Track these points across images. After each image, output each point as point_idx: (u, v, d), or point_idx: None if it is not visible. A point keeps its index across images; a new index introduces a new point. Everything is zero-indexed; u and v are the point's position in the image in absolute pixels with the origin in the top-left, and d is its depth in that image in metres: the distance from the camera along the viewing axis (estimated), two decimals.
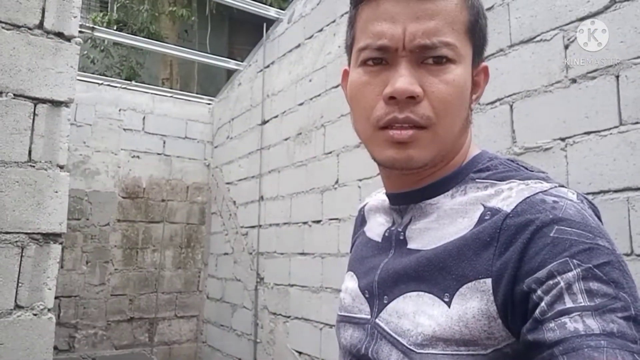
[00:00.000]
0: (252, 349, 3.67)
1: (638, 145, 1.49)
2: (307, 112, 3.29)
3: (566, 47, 1.73)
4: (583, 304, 0.43)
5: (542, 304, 0.45)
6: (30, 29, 1.37)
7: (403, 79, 0.54)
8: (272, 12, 3.92)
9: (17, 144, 1.33)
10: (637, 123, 1.50)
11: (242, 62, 4.45)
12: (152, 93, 4.74)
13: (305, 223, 3.19)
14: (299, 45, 3.49)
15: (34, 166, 1.35)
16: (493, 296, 0.49)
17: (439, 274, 0.54)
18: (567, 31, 1.73)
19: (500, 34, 1.98)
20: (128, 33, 6.41)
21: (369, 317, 0.62)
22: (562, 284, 0.45)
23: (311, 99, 3.25)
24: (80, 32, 1.48)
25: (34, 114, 1.36)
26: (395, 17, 0.55)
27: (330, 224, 2.93)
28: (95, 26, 4.57)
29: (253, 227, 3.86)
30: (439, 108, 0.55)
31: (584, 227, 0.48)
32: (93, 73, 5.86)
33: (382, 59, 0.57)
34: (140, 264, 4.48)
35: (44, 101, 1.38)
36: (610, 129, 1.57)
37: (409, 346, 0.54)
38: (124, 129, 4.48)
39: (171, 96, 4.86)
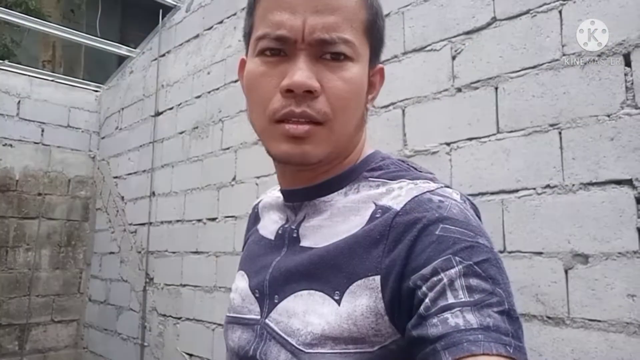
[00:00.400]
0: (139, 353, 3.47)
1: (512, 152, 1.64)
2: (205, 105, 3.18)
3: (453, 57, 1.85)
4: (464, 299, 0.45)
5: (427, 300, 0.46)
6: None
7: (301, 73, 0.53)
8: None
9: None
10: (511, 132, 1.65)
11: (135, 48, 4.18)
12: (29, 75, 4.27)
13: (199, 220, 3.08)
14: (197, 36, 3.36)
15: None
16: (381, 293, 0.50)
17: (331, 271, 0.54)
18: (455, 43, 1.85)
19: (395, 41, 2.06)
20: (1, 7, 5.72)
21: (258, 317, 0.61)
22: (445, 280, 0.46)
23: (209, 92, 3.15)
24: None
25: None
26: (296, 7, 0.54)
27: (226, 221, 2.86)
28: None
29: (143, 224, 3.64)
30: (336, 105, 0.55)
31: (466, 226, 0.50)
32: None
33: (280, 50, 0.55)
34: (11, 265, 4.02)
35: None
36: (489, 136, 1.71)
37: (297, 346, 0.53)
38: None
39: (52, 80, 4.42)
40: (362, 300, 0.51)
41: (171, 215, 3.35)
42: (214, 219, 2.97)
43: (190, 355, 3.00)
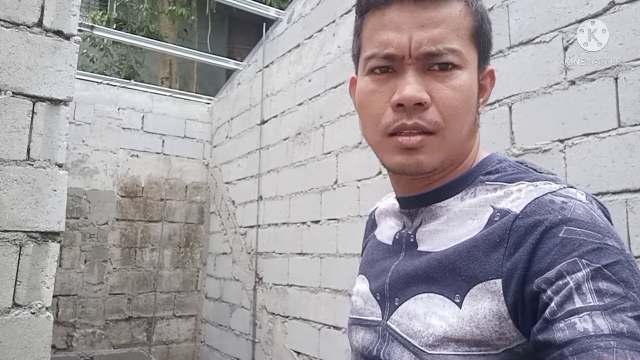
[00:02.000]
0: (251, 348, 3.67)
1: (636, 147, 1.49)
2: (306, 112, 3.28)
3: (565, 48, 1.73)
4: (592, 303, 0.43)
5: (552, 304, 0.45)
6: (29, 27, 1.37)
7: (410, 87, 0.55)
8: (271, 12, 3.92)
9: (16, 142, 1.33)
10: (635, 125, 1.50)
11: (241, 61, 4.45)
12: (151, 92, 4.74)
13: (303, 223, 3.19)
14: (298, 45, 3.49)
15: (32, 164, 1.34)
16: (504, 296, 0.50)
17: (450, 275, 0.55)
18: (567, 33, 1.73)
19: (499, 35, 1.98)
20: (127, 32, 6.41)
21: (380, 319, 0.63)
22: (571, 284, 0.45)
23: (310, 99, 3.25)
24: (79, 30, 1.48)
25: (33, 112, 1.36)
26: (401, 26, 0.56)
27: (329, 224, 2.93)
28: (94, 25, 4.57)
29: (252, 226, 3.86)
30: (447, 113, 0.56)
31: (593, 227, 0.48)
32: (92, 72, 5.86)
33: (388, 67, 0.58)
34: (139, 263, 4.48)
35: (42, 99, 1.38)
36: (608, 130, 1.57)
37: (420, 347, 0.54)
38: (123, 128, 4.48)
39: (170, 95, 4.86)
40: (484, 304, 0.51)
41: (277, 218, 3.51)
42: (317, 222, 3.05)
43: (298, 353, 3.11)
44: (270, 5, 5.12)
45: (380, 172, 2.56)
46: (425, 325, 0.55)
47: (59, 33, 1.41)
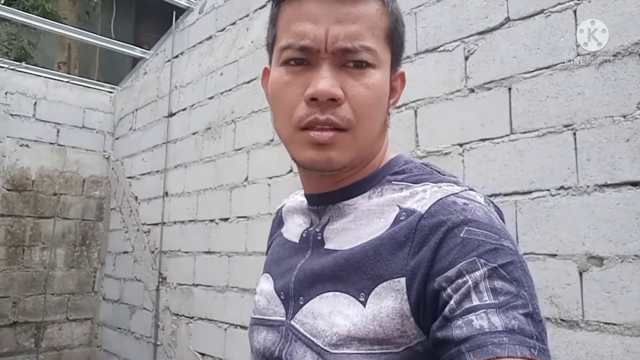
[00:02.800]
0: (152, 352, 3.50)
1: (525, 152, 1.63)
2: (218, 106, 3.20)
3: (466, 58, 1.84)
4: (488, 301, 0.45)
5: (451, 302, 0.47)
6: None
7: (325, 81, 0.54)
8: (182, 0, 3.76)
9: None
10: (525, 132, 1.63)
11: (148, 50, 4.23)
12: (45, 77, 4.33)
13: (212, 221, 3.10)
14: (210, 37, 3.38)
15: None
16: (407, 295, 0.51)
17: (356, 273, 0.55)
18: (468, 43, 1.84)
19: (407, 42, 2.05)
20: (19, 9, 5.82)
21: (283, 318, 0.62)
22: (469, 282, 0.47)
23: (222, 93, 3.17)
24: None
25: None
26: (318, 18, 0.55)
27: (239, 222, 2.88)
28: None
29: (156, 224, 3.68)
30: (359, 111, 0.56)
31: (491, 228, 0.51)
32: None
33: (304, 59, 0.57)
34: (27, 263, 4.08)
35: None
36: (502, 137, 1.70)
37: (323, 347, 0.54)
38: (11, 115, 4.06)
39: (68, 81, 4.48)
40: (388, 302, 0.51)
41: (184, 215, 3.38)
42: (226, 219, 2.98)
43: (203, 354, 3.02)
44: None
45: (291, 170, 2.55)
46: (329, 324, 0.54)
47: None
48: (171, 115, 3.68)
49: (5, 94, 4.04)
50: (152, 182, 3.83)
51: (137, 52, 4.36)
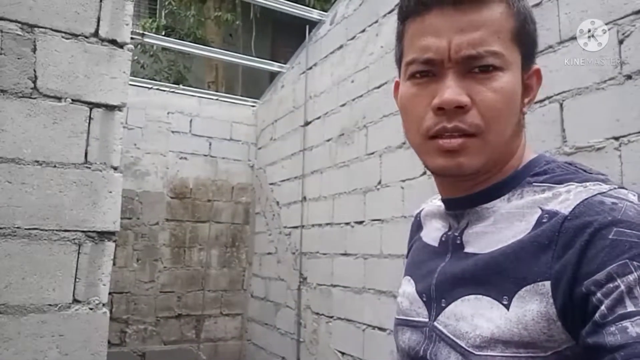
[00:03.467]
0: (296, 348, 3.71)
1: None
2: (349, 112, 3.29)
3: (620, 42, 1.66)
4: None
5: (602, 307, 0.45)
6: (86, 37, 1.45)
7: (450, 90, 0.56)
8: (314, 14, 3.95)
9: (75, 146, 1.40)
10: None
11: (285, 64, 4.51)
12: (198, 96, 4.88)
13: (347, 224, 3.19)
14: (341, 47, 3.50)
15: (90, 167, 1.42)
16: (552, 299, 0.50)
17: (497, 277, 0.55)
18: (622, 25, 1.66)
19: (549, 31, 1.92)
20: (176, 38, 6.62)
21: (427, 320, 0.64)
22: (622, 287, 0.44)
23: (353, 99, 3.25)
24: (131, 38, 1.55)
25: (90, 118, 1.43)
26: (440, 30, 0.57)
27: (373, 224, 2.92)
28: (145, 32, 4.76)
29: (296, 227, 3.90)
30: (488, 116, 0.57)
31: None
32: (143, 78, 6.09)
33: (429, 71, 0.59)
34: (188, 263, 4.61)
35: (99, 105, 1.45)
36: None
37: (467, 348, 0.54)
38: (172, 132, 4.63)
39: (216, 99, 4.98)
40: (532, 306, 0.51)
41: (321, 218, 3.53)
42: (361, 222, 3.05)
43: (343, 353, 3.11)
44: (313, 7, 5.16)
45: (424, 173, 2.53)
46: (472, 326, 0.55)
47: (113, 42, 1.48)
48: (307, 124, 3.88)
49: (167, 114, 4.63)
50: (291, 188, 4.07)
51: (275, 67, 4.68)
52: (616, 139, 1.64)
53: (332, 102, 3.51)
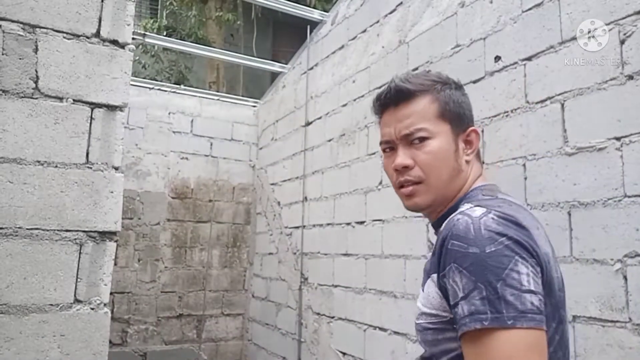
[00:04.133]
0: (297, 348, 3.71)
1: None
2: (351, 113, 3.29)
3: (622, 42, 1.66)
4: (461, 295, 0.73)
5: (451, 292, 0.76)
6: (88, 37, 1.45)
7: (399, 158, 0.91)
8: (315, 14, 3.95)
9: (76, 146, 1.41)
10: None
11: (286, 64, 4.51)
12: (199, 96, 4.88)
13: (348, 224, 3.19)
14: (342, 47, 3.50)
15: (91, 167, 1.42)
16: (437, 286, 0.81)
17: (426, 273, 0.88)
18: (624, 25, 1.66)
19: (550, 31, 1.91)
20: (177, 38, 6.63)
21: None
22: (453, 283, 0.75)
23: (354, 100, 3.25)
24: (132, 39, 1.55)
25: (91, 118, 1.44)
26: (389, 122, 0.94)
27: (374, 225, 2.92)
28: (146, 33, 4.76)
29: (297, 227, 3.90)
30: (425, 169, 0.89)
31: (464, 240, 0.75)
32: (144, 78, 6.09)
33: (389, 147, 0.95)
34: (189, 263, 4.62)
35: (100, 106, 1.45)
36: None
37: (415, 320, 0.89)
38: (173, 132, 4.64)
39: (218, 99, 4.98)
40: (431, 289, 0.83)
41: (322, 218, 3.53)
42: (362, 223, 3.05)
43: (344, 353, 3.11)
44: (314, 7, 5.16)
45: None
46: (418, 306, 0.88)
47: (114, 42, 1.49)
48: (308, 124, 3.88)
49: (169, 114, 4.64)
50: (292, 188, 4.07)
51: (276, 67, 4.68)
52: (618, 139, 1.64)
53: (334, 102, 3.52)
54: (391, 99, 0.94)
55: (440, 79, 0.96)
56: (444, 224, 0.84)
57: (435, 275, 0.80)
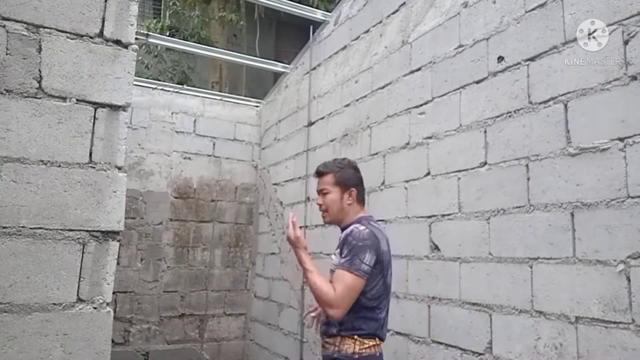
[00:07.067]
0: (299, 348, 3.71)
1: None
2: (353, 113, 3.29)
3: (626, 42, 1.65)
4: (343, 256, 1.87)
5: (341, 256, 1.91)
6: (91, 37, 1.45)
7: (319, 200, 2.12)
8: (318, 14, 3.95)
9: (79, 146, 1.41)
10: None
11: (289, 64, 4.51)
12: (202, 96, 4.89)
13: None
14: (345, 47, 3.50)
15: (94, 167, 1.42)
16: (340, 253, 1.93)
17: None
18: (627, 26, 1.65)
19: (553, 31, 1.91)
20: (180, 39, 6.63)
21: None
22: (343, 252, 1.89)
23: (357, 100, 3.25)
24: (136, 39, 1.55)
25: (94, 117, 1.44)
26: (318, 184, 2.13)
27: None
28: (149, 33, 4.76)
29: (299, 227, 3.89)
30: (326, 206, 2.07)
31: (353, 237, 1.88)
32: (147, 78, 6.10)
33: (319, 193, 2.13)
34: (191, 262, 4.62)
35: (103, 106, 1.45)
36: None
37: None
38: (176, 132, 4.65)
39: (220, 99, 4.99)
40: (336, 256, 1.95)
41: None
42: None
43: None
44: (317, 8, 5.16)
45: (428, 174, 2.53)
46: (331, 261, 2.00)
47: (118, 42, 1.49)
48: (310, 124, 3.88)
49: (171, 113, 4.64)
50: (295, 188, 4.07)
51: (278, 67, 4.68)
52: (621, 139, 1.64)
53: (336, 103, 3.52)
54: (316, 174, 2.15)
55: (341, 164, 2.11)
56: (346, 230, 1.94)
57: (338, 250, 1.91)
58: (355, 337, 1.87)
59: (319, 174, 2.09)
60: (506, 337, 2.01)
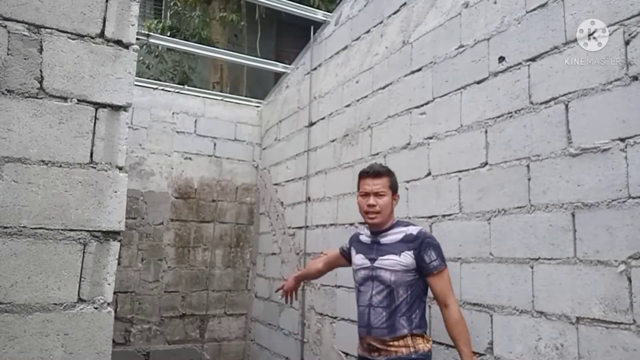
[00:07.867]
0: (299, 348, 3.71)
1: None
2: (354, 113, 3.29)
3: (627, 42, 1.65)
4: (433, 257, 1.97)
5: (426, 257, 1.98)
6: (92, 37, 1.45)
7: (371, 201, 2.05)
8: (319, 15, 3.95)
9: (80, 146, 1.41)
10: None
11: (289, 65, 4.51)
12: (203, 97, 4.89)
13: (351, 224, 3.19)
14: (345, 47, 3.50)
15: (95, 167, 1.42)
16: (414, 256, 1.98)
17: (392, 249, 2.05)
18: (628, 26, 1.65)
19: (554, 32, 1.91)
20: (181, 39, 6.64)
21: (370, 264, 2.08)
22: (429, 253, 1.98)
23: (358, 100, 3.25)
24: (137, 39, 1.55)
25: (95, 118, 1.44)
26: (367, 184, 2.08)
27: None
28: (150, 33, 4.77)
29: (300, 227, 3.90)
30: (382, 208, 2.03)
31: (431, 239, 2.03)
32: (148, 78, 6.11)
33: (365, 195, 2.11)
34: (192, 262, 4.62)
35: (104, 106, 1.45)
36: None
37: (389, 268, 2.08)
38: (177, 132, 4.65)
39: (221, 99, 4.99)
40: (407, 257, 2.00)
41: (325, 219, 3.53)
42: (364, 223, 3.04)
43: (346, 354, 3.11)
44: (317, 8, 5.16)
45: (429, 174, 2.53)
46: (390, 262, 2.01)
47: (119, 42, 1.49)
48: (311, 124, 3.88)
49: (172, 114, 4.65)
50: (295, 188, 4.07)
51: (279, 67, 4.68)
52: (622, 140, 1.64)
53: (337, 103, 3.52)
54: (370, 174, 2.09)
55: (390, 169, 2.15)
56: (402, 229, 2.04)
57: (412, 251, 1.97)
58: (424, 334, 1.98)
59: (376, 174, 2.04)
60: (507, 337, 2.01)
